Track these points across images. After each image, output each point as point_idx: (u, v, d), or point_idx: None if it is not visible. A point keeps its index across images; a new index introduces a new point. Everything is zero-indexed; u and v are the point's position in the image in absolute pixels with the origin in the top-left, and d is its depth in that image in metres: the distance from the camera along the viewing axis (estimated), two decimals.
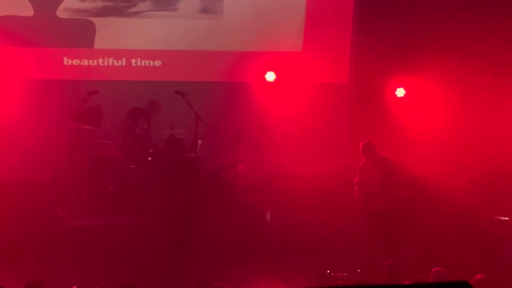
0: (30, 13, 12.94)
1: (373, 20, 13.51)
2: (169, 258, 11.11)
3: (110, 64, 13.36)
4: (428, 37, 13.43)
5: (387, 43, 13.41)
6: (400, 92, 13.43)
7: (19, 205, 11.89)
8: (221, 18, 13.40)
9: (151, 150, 12.82)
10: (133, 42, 13.35)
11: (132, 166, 12.71)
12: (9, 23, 12.89)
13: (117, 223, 12.09)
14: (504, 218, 12.04)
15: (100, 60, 13.32)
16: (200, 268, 10.97)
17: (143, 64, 13.43)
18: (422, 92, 13.38)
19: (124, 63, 13.39)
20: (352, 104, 13.91)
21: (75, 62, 13.26)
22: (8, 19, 12.88)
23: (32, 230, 11.52)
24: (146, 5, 13.24)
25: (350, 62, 13.80)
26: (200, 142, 12.85)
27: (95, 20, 13.16)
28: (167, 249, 11.19)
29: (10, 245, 11.20)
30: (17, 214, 11.71)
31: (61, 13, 13.03)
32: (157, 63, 13.45)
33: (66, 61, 13.21)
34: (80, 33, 13.18)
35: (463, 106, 13.21)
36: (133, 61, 13.40)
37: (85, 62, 13.27)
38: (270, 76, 13.23)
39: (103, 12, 13.16)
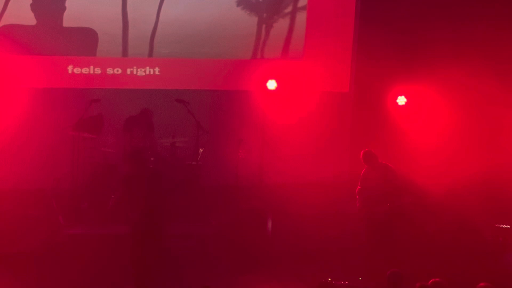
0: (33, 22, 12.98)
1: (374, 28, 13.54)
2: (170, 266, 11.11)
3: (111, 72, 13.39)
4: (430, 45, 13.48)
5: (388, 51, 13.44)
6: (402, 100, 13.46)
7: (21, 212, 11.91)
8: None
9: (152, 159, 12.83)
10: (134, 51, 13.37)
11: None
12: (11, 31, 12.91)
13: (118, 231, 12.07)
14: (505, 226, 12.06)
15: (102, 68, 13.35)
16: (201, 276, 10.97)
17: (144, 72, 13.45)
18: (423, 100, 13.42)
19: (126, 72, 13.42)
20: (353, 112, 13.94)
21: (76, 70, 13.28)
22: (10, 28, 12.90)
23: (33, 238, 11.52)
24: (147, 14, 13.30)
25: (351, 70, 13.84)
26: (201, 150, 12.88)
27: (97, 28, 13.20)
28: (168, 256, 11.20)
29: (12, 253, 11.21)
30: (18, 222, 11.72)
31: (63, 21, 13.07)
32: (158, 71, 13.49)
33: (69, 69, 13.23)
34: (82, 41, 13.21)
35: (464, 114, 13.25)
36: (134, 69, 13.43)
37: (86, 70, 13.29)
38: (271, 85, 13.27)
39: (104, 21, 13.20)
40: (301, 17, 13.61)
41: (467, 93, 13.21)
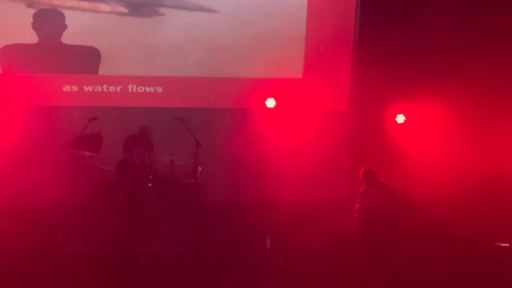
0: (35, 40, 13.05)
1: (373, 47, 13.57)
2: (168, 284, 11.10)
3: (113, 90, 13.44)
4: (428, 64, 13.49)
5: (387, 69, 13.47)
6: (400, 119, 13.49)
7: (19, 231, 11.91)
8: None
9: (151, 177, 12.85)
10: (136, 69, 13.43)
11: None
12: (12, 50, 12.99)
13: (117, 249, 12.07)
14: (505, 245, 12.02)
15: (105, 86, 13.41)
16: None
17: (144, 90, 13.50)
18: (422, 119, 13.42)
19: (127, 90, 13.47)
20: (353, 130, 13.94)
21: (74, 88, 13.33)
22: (12, 47, 12.97)
23: (31, 256, 11.52)
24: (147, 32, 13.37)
25: (350, 89, 13.85)
26: (200, 168, 12.89)
27: (99, 46, 13.26)
28: (166, 275, 11.19)
29: (10, 272, 11.21)
30: (16, 241, 11.72)
31: (65, 39, 13.14)
32: (159, 89, 13.53)
33: (69, 87, 13.29)
34: (84, 60, 13.28)
35: (463, 132, 13.24)
36: (135, 87, 13.48)
37: (86, 88, 13.34)
38: (271, 103, 13.31)
39: (107, 38, 13.27)
40: (300, 36, 13.63)
41: (465, 111, 13.22)
